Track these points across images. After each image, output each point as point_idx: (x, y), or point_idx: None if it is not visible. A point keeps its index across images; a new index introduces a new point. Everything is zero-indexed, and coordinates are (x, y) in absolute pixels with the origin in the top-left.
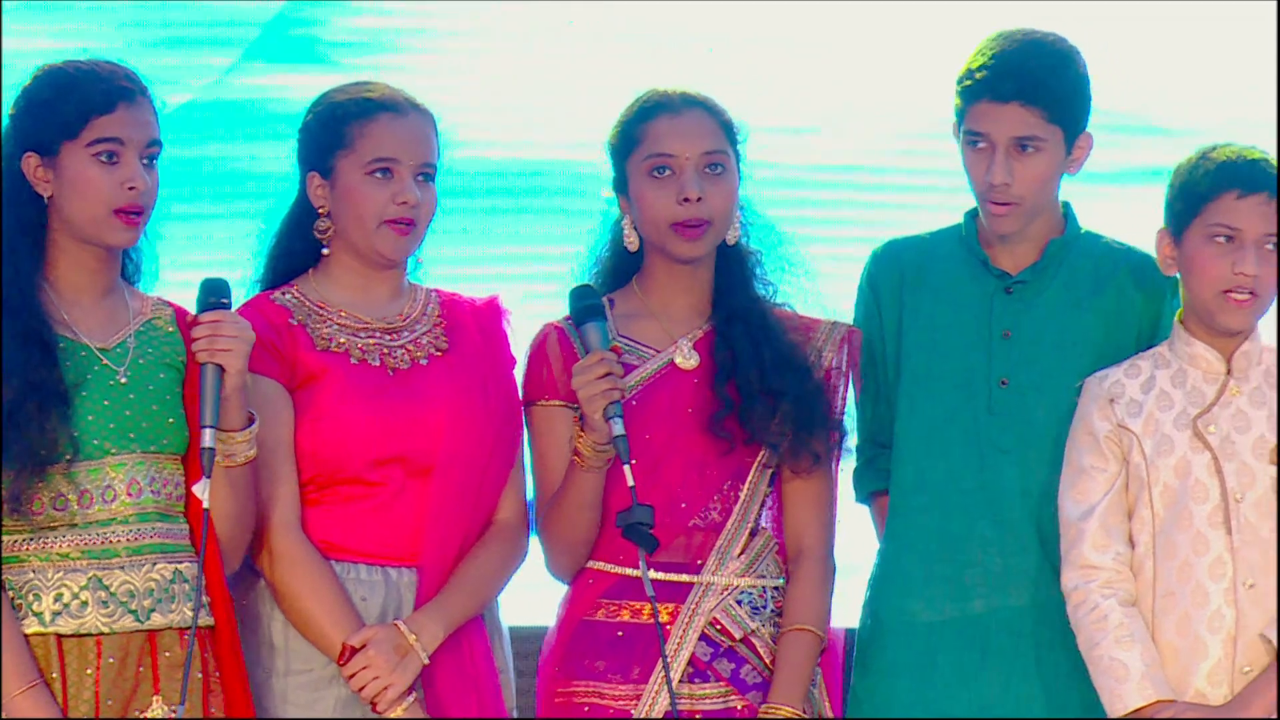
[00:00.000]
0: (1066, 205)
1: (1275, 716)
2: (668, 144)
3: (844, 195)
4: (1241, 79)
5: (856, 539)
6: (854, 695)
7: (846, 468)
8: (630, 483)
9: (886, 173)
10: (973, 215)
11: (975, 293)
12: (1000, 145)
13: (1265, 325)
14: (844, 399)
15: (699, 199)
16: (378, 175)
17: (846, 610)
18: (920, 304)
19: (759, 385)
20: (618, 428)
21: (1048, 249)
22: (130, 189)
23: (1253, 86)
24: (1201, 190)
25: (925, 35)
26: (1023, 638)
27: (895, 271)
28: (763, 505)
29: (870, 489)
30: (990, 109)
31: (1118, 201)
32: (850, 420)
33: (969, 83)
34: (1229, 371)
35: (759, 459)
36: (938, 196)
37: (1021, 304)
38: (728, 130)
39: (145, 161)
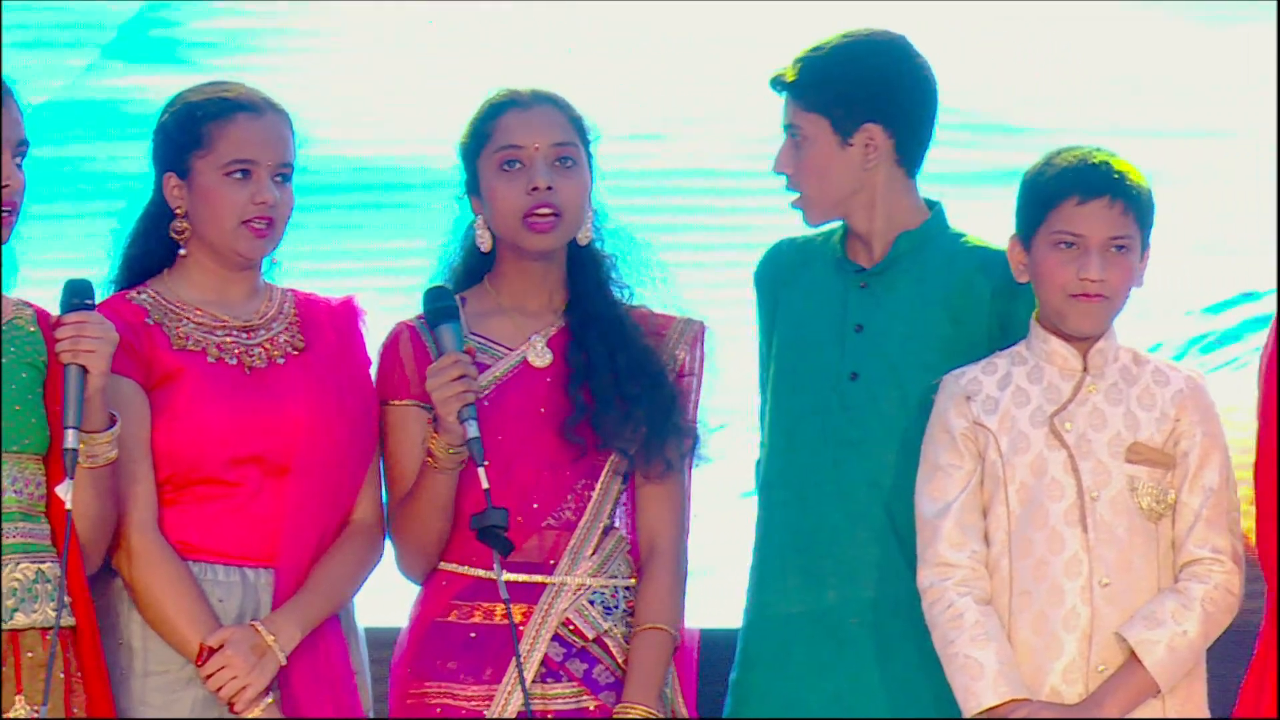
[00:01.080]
0: (937, 203)
1: (1129, 715)
2: (517, 136)
3: (693, 201)
4: (1104, 79)
5: (714, 539)
6: (730, 690)
7: (702, 467)
8: (485, 485)
9: (733, 176)
10: None
11: (834, 287)
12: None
13: (1121, 323)
14: (697, 400)
15: (549, 188)
16: (235, 176)
17: (704, 610)
18: (791, 302)
19: (613, 392)
20: (472, 430)
21: (896, 243)
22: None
23: (1113, 84)
24: (1044, 197)
25: (772, 39)
26: (877, 629)
27: (773, 271)
28: (616, 504)
29: None
30: (795, 112)
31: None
32: (704, 422)
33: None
34: (1085, 369)
35: (611, 462)
36: (785, 200)
37: (874, 298)
38: (578, 126)
39: (16, 161)
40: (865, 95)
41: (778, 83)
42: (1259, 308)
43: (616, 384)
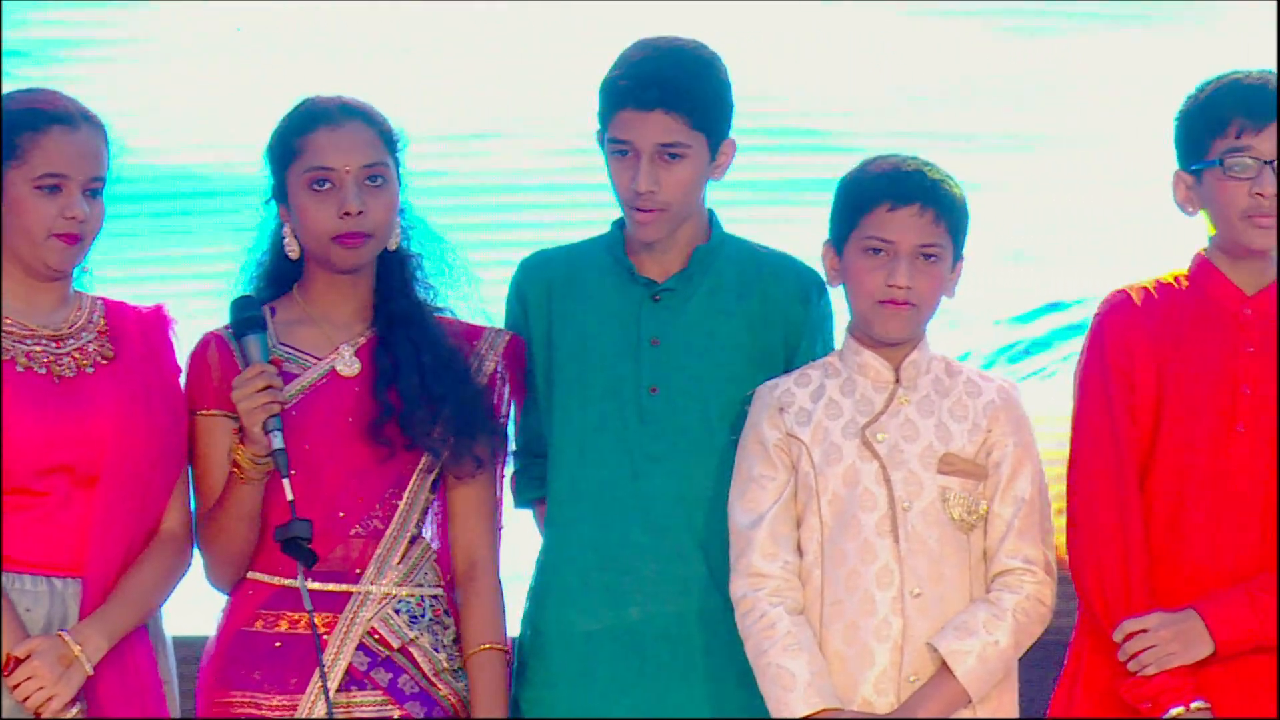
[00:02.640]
0: (711, 212)
1: None
2: (328, 157)
3: (510, 201)
4: (915, 87)
5: (515, 547)
6: (516, 707)
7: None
8: (290, 497)
9: (550, 186)
10: (620, 224)
11: (623, 301)
12: (645, 153)
13: (929, 332)
14: (507, 406)
15: (360, 212)
16: (46, 189)
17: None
18: (570, 313)
19: (420, 390)
20: (277, 441)
21: (693, 256)
22: None
23: (923, 93)
24: (857, 203)
25: (591, 43)
26: (681, 644)
27: (543, 281)
28: (424, 514)
29: (530, 496)
30: (634, 117)
31: (786, 210)
32: (512, 428)
33: (613, 90)
34: (898, 381)
35: (420, 465)
36: (605, 207)
37: (669, 311)
38: (387, 140)
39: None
40: (728, 111)
41: (665, 100)
42: (1067, 317)
43: (423, 382)
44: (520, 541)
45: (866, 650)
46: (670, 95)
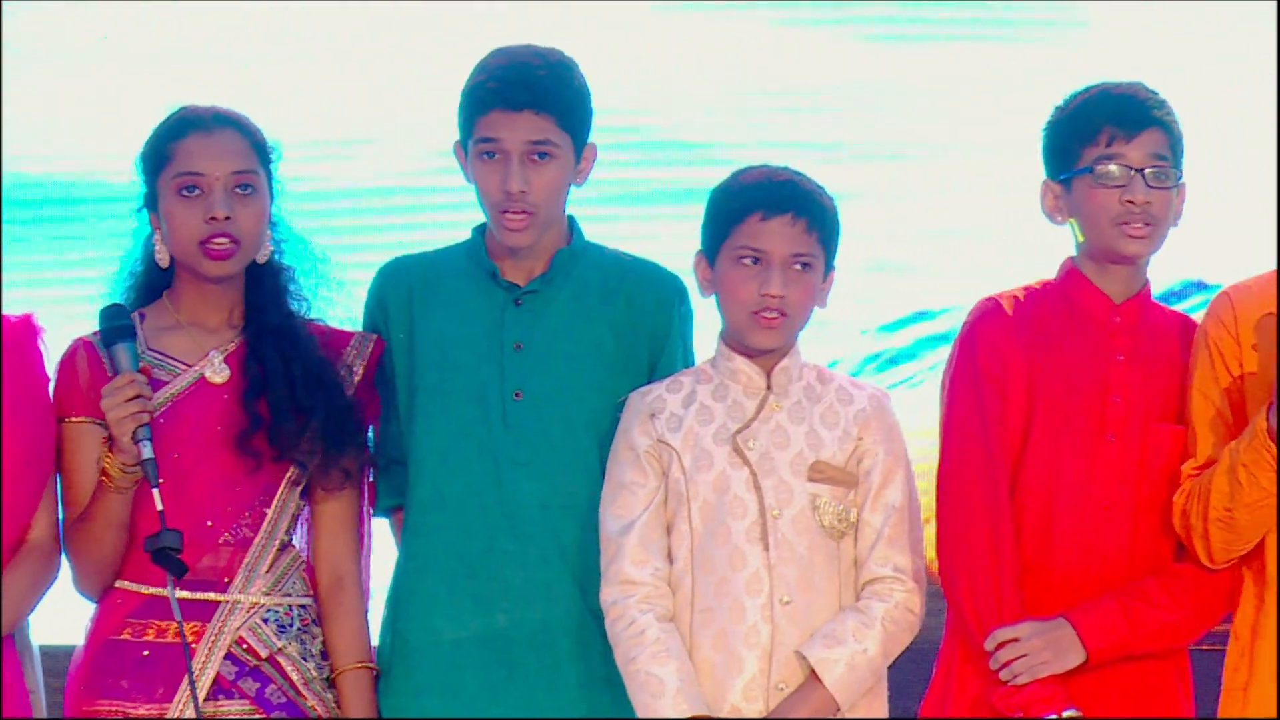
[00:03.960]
0: (572, 218)
1: None
2: (197, 163)
3: (378, 207)
4: (782, 97)
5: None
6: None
7: None
8: (159, 506)
9: (423, 192)
10: (480, 230)
11: (486, 306)
12: (515, 153)
13: (801, 341)
14: (374, 418)
15: (227, 218)
16: None
17: None
18: (430, 319)
19: (289, 403)
20: (146, 450)
21: (555, 260)
22: None
23: (791, 103)
24: (729, 213)
25: (453, 52)
26: (548, 651)
27: (403, 286)
28: (293, 521)
29: (388, 504)
30: (503, 117)
31: (656, 224)
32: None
33: (480, 94)
34: (769, 388)
35: (288, 476)
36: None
37: (532, 315)
38: (260, 150)
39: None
40: (590, 115)
41: (534, 101)
42: (934, 326)
43: (293, 395)
44: (380, 551)
45: (735, 657)
46: (539, 95)
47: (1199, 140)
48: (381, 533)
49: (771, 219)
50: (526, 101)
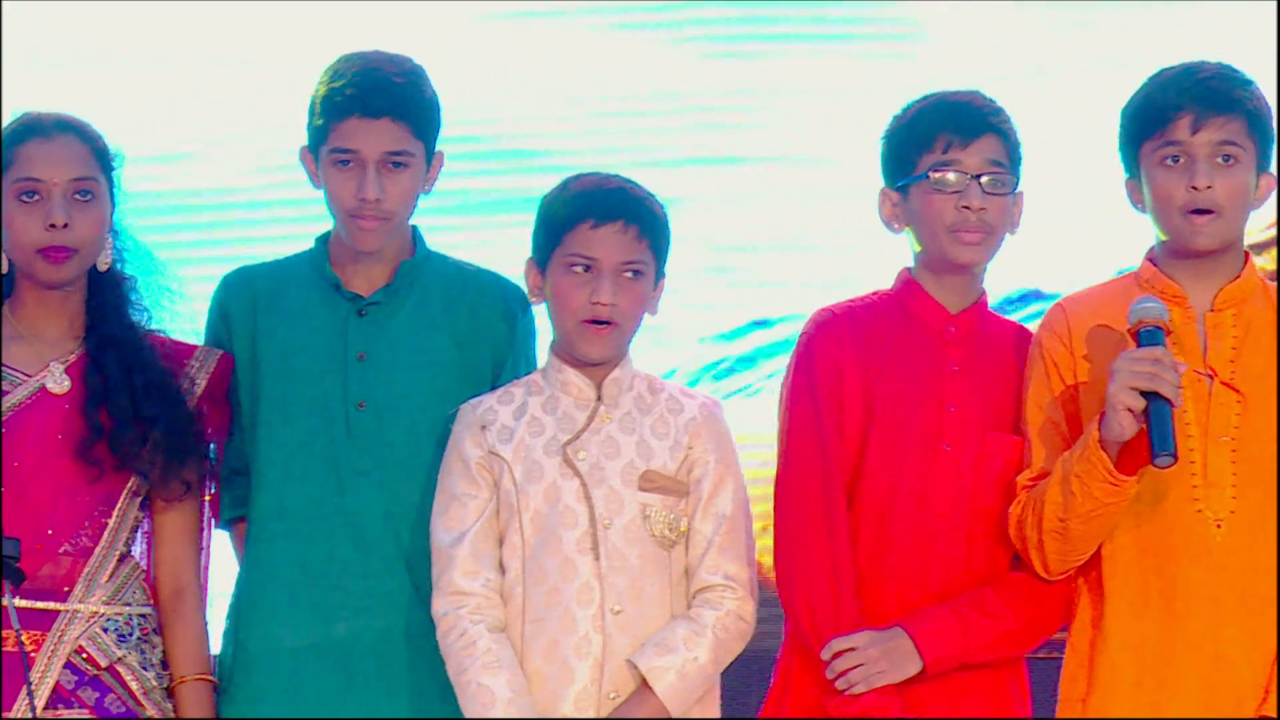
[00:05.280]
0: (415, 228)
1: None
2: (37, 168)
3: (218, 219)
4: (614, 108)
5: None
6: None
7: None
8: None
9: (258, 206)
10: (323, 239)
11: (328, 316)
12: (371, 161)
13: (634, 350)
14: (218, 426)
15: (65, 225)
16: None
17: None
18: (274, 329)
19: (130, 412)
20: None
21: (399, 270)
22: None
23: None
24: (560, 221)
25: (294, 61)
26: (388, 659)
27: (247, 297)
28: (134, 532)
29: (230, 515)
30: (362, 125)
31: (490, 230)
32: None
33: (337, 99)
34: (600, 398)
35: (129, 486)
36: (311, 221)
37: (375, 326)
38: (100, 157)
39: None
40: (440, 123)
41: (392, 108)
42: (772, 334)
43: (134, 405)
44: (220, 561)
45: (567, 667)
46: (398, 103)
47: (1037, 148)
48: (222, 544)
49: (602, 226)
50: (385, 109)
